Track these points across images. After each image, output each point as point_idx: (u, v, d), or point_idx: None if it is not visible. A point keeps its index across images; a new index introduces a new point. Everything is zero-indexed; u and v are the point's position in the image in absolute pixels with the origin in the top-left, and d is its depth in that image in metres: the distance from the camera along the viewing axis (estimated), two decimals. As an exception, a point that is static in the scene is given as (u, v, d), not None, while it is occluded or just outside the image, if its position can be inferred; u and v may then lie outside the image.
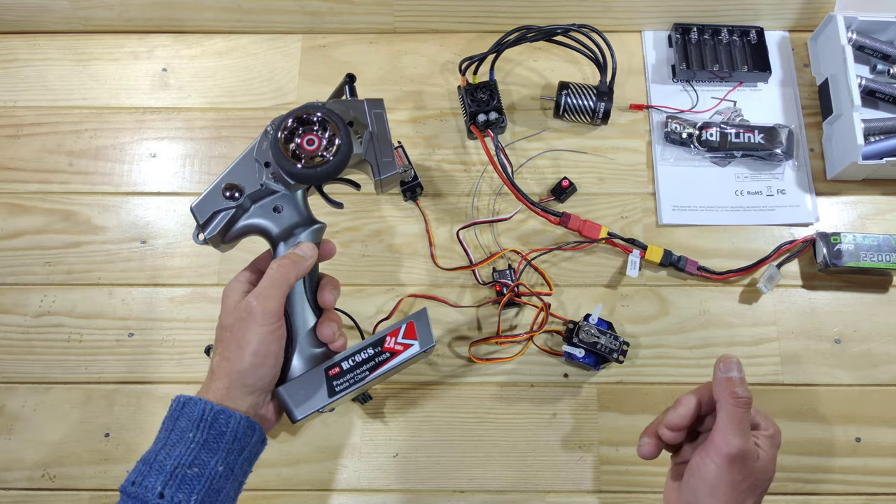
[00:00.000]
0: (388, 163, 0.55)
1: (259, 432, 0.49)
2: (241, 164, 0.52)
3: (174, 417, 0.47)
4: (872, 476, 0.66)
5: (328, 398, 0.51)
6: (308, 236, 0.53)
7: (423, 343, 0.53)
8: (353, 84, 0.57)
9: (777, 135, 0.74)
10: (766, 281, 0.69)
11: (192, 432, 0.46)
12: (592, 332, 0.65)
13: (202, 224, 0.52)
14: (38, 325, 0.71)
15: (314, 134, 0.51)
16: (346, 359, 0.52)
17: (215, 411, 0.46)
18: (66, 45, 0.82)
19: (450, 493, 0.66)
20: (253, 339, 0.48)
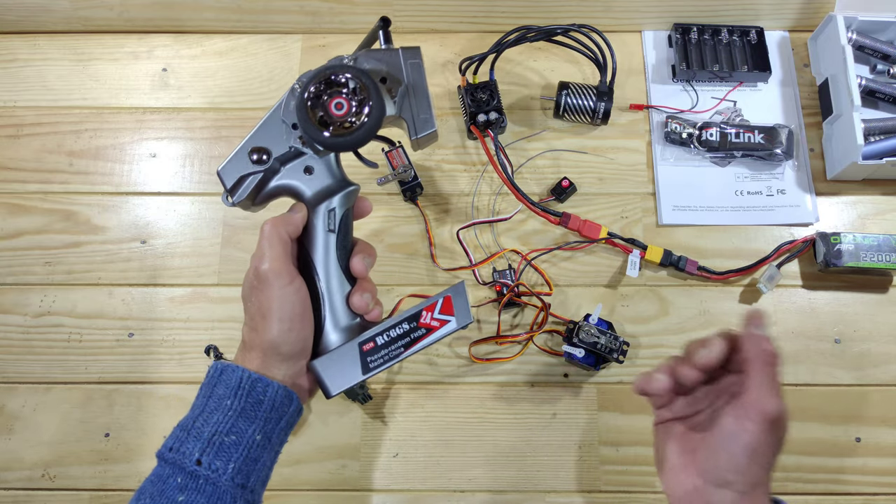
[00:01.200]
0: (426, 120, 0.51)
1: (296, 402, 0.48)
2: (268, 125, 0.49)
3: (212, 384, 0.46)
4: (872, 476, 0.66)
5: (362, 374, 0.49)
6: (342, 200, 0.50)
7: (461, 319, 0.50)
8: (387, 29, 0.52)
9: (777, 135, 0.74)
10: (766, 281, 0.69)
11: (230, 399, 0.45)
12: (592, 332, 0.65)
13: (230, 189, 0.49)
14: (38, 325, 0.71)
15: (342, 97, 0.47)
16: (381, 333, 0.49)
17: (252, 379, 0.46)
18: (66, 45, 0.82)
19: (450, 493, 0.66)
20: (272, 304, 0.46)
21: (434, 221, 0.74)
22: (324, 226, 0.50)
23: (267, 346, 0.47)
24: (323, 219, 0.49)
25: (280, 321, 0.46)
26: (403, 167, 0.71)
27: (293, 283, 0.47)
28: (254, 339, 0.47)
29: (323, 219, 0.49)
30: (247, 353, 0.47)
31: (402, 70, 0.50)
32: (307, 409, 0.68)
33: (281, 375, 0.47)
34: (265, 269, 0.47)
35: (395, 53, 0.50)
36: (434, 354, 0.69)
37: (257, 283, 0.47)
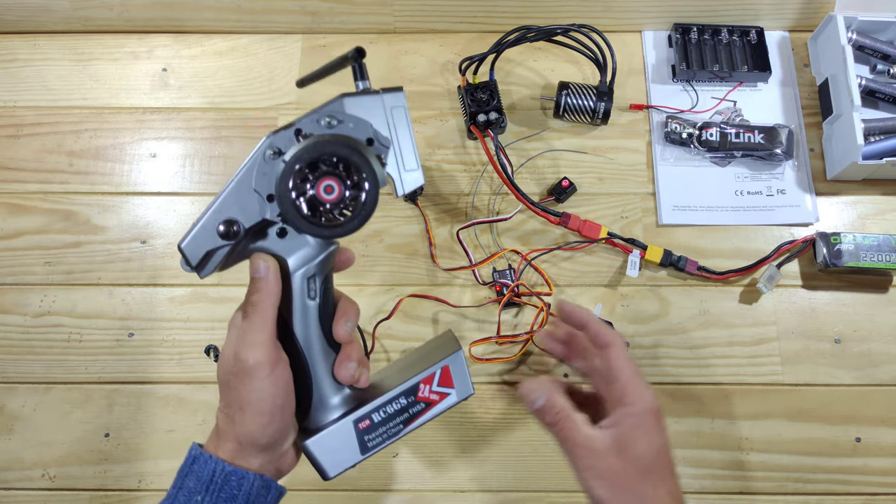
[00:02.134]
0: (413, 174, 0.44)
1: (275, 490, 0.45)
2: (238, 193, 0.42)
3: (183, 474, 0.43)
4: (872, 476, 0.66)
5: (361, 455, 0.46)
6: (321, 265, 0.45)
7: (461, 391, 0.47)
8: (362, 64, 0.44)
9: (777, 135, 0.74)
10: (766, 281, 0.69)
11: (201, 495, 0.42)
12: None
13: (196, 266, 0.43)
14: (38, 325, 0.71)
15: (333, 179, 0.40)
16: (377, 410, 0.46)
17: (226, 473, 0.42)
18: (66, 45, 0.82)
19: (450, 493, 0.66)
20: (252, 396, 0.42)
21: (434, 221, 0.74)
22: (302, 294, 0.44)
23: (244, 440, 0.43)
24: (301, 286, 0.44)
25: (259, 415, 0.43)
26: None
27: (275, 372, 0.43)
28: (229, 429, 0.44)
29: (301, 286, 0.44)
30: (220, 442, 0.44)
31: (386, 121, 0.43)
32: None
33: (258, 464, 0.44)
34: (247, 357, 0.42)
35: (377, 99, 0.43)
36: (434, 354, 0.69)
37: (237, 371, 0.43)
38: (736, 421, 0.67)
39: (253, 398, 0.42)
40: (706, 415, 0.68)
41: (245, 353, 0.42)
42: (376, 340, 0.70)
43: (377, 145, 0.43)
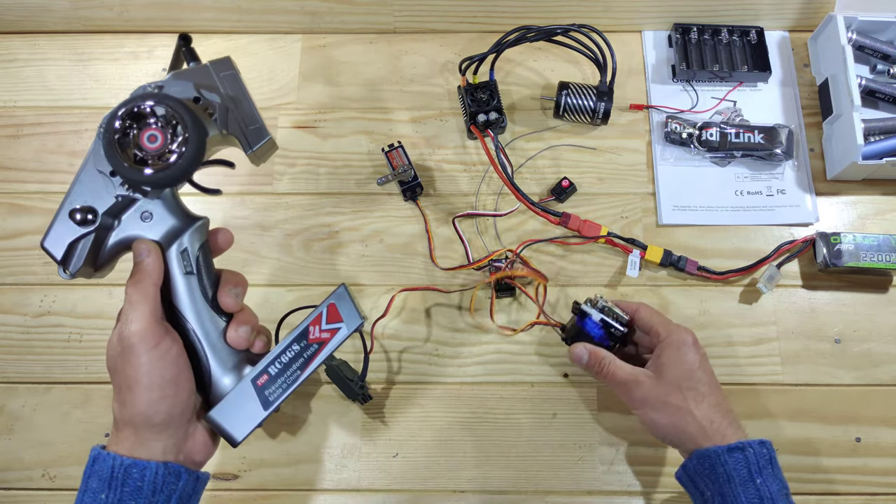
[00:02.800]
0: (256, 130, 0.47)
1: (185, 475, 0.44)
2: (85, 180, 0.45)
3: (87, 476, 0.43)
4: (872, 476, 0.66)
5: (264, 411, 0.46)
6: (192, 238, 0.47)
7: (351, 323, 0.48)
8: (189, 46, 0.48)
9: (777, 135, 0.74)
10: (766, 281, 0.69)
11: (105, 493, 0.41)
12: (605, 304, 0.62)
13: (61, 261, 0.44)
14: (38, 325, 0.71)
15: (154, 128, 0.43)
16: (272, 363, 0.46)
17: (126, 466, 0.42)
18: (66, 45, 0.82)
19: (450, 493, 0.66)
20: (138, 372, 0.42)
21: (434, 221, 0.74)
22: (180, 269, 0.46)
23: (138, 421, 0.43)
24: (178, 262, 0.46)
25: (148, 390, 0.42)
26: (403, 167, 0.71)
27: (160, 346, 0.43)
28: (123, 414, 0.43)
29: (178, 262, 0.46)
30: (118, 432, 0.43)
31: (218, 85, 0.46)
32: (307, 410, 0.68)
33: (161, 449, 0.43)
34: (129, 332, 0.42)
35: (205, 69, 0.46)
36: (434, 353, 0.69)
37: (121, 350, 0.43)
38: (736, 421, 0.67)
39: (140, 374, 0.42)
40: (706, 415, 0.68)
41: (127, 331, 0.42)
42: (375, 340, 0.70)
43: (205, 102, 0.46)
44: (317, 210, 0.75)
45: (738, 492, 0.48)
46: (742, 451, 0.50)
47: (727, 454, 0.49)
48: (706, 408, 0.52)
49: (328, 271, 0.72)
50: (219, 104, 0.46)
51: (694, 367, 0.54)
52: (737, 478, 0.49)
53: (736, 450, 0.50)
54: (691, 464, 0.51)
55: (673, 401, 0.52)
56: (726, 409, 0.53)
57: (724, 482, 0.49)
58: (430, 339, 0.70)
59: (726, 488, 0.49)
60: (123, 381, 0.43)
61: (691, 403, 0.52)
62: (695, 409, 0.52)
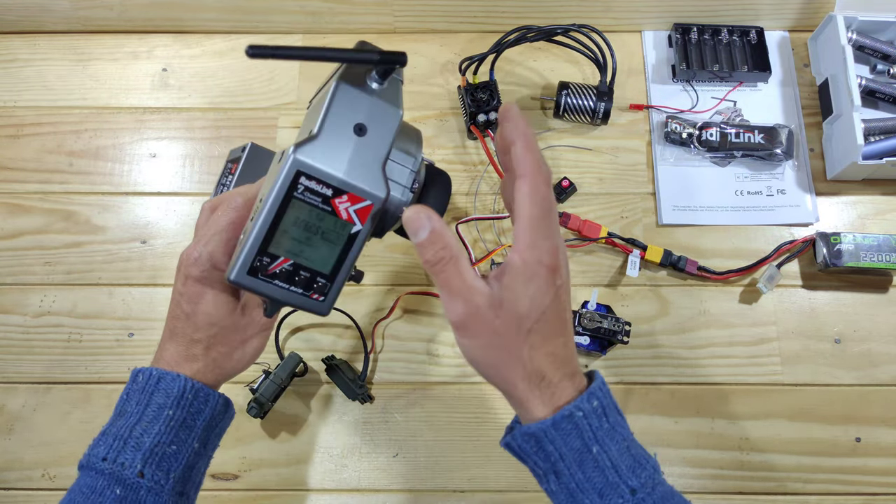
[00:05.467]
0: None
1: (232, 409, 0.49)
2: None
3: (148, 391, 0.45)
4: (872, 476, 0.66)
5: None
6: None
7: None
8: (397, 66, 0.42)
9: (777, 135, 0.74)
10: (766, 281, 0.69)
11: (172, 409, 0.44)
12: (594, 318, 0.65)
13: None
14: (38, 325, 0.71)
15: None
16: None
17: (196, 389, 0.45)
18: (66, 45, 0.82)
19: (450, 493, 0.66)
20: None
21: (434, 221, 0.74)
22: None
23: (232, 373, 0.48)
24: None
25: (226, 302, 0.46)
26: None
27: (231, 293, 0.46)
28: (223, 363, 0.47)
29: None
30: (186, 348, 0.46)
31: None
32: (307, 410, 0.68)
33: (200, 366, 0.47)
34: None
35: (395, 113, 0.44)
36: (434, 354, 0.69)
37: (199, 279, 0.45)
38: (736, 421, 0.67)
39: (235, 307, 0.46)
40: (706, 415, 0.68)
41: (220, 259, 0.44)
42: (376, 340, 0.70)
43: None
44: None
45: (573, 470, 0.41)
46: (571, 420, 0.40)
47: (554, 430, 0.40)
48: (541, 357, 0.40)
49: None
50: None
51: (544, 305, 0.39)
52: (569, 454, 0.41)
53: (564, 420, 0.40)
54: (515, 442, 0.43)
55: (504, 341, 0.40)
56: (565, 356, 0.41)
57: (556, 460, 0.41)
58: (430, 339, 0.70)
59: (560, 466, 0.42)
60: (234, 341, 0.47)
61: (525, 349, 0.40)
62: (527, 356, 0.40)
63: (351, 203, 0.40)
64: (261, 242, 0.40)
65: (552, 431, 0.40)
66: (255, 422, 0.67)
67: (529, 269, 0.39)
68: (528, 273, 0.39)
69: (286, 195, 0.39)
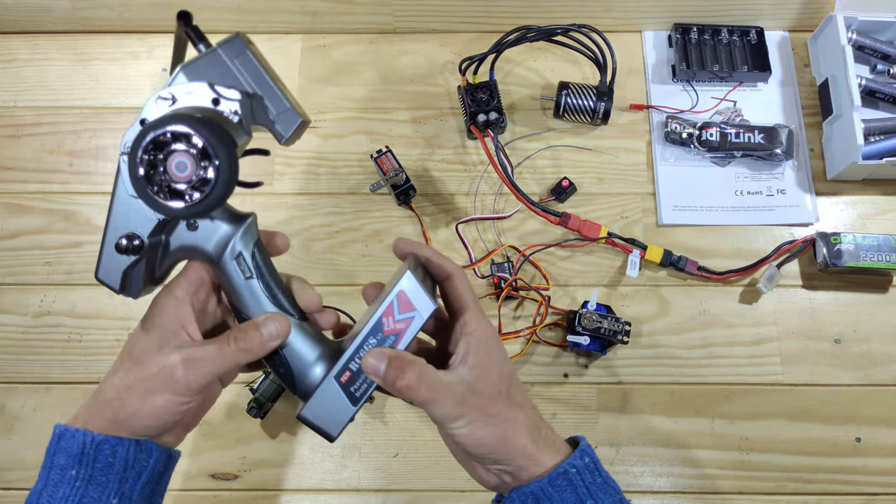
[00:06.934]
0: (287, 115, 0.42)
1: (156, 452, 0.43)
2: (120, 208, 0.41)
3: (51, 453, 0.41)
4: (872, 476, 0.66)
5: (353, 407, 0.45)
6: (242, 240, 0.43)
7: (424, 309, 0.44)
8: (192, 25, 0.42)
9: (777, 135, 0.74)
10: (766, 281, 0.69)
11: (74, 469, 0.40)
12: (594, 318, 0.65)
13: (121, 289, 0.42)
14: (38, 325, 0.71)
15: (181, 154, 0.38)
16: (352, 359, 0.44)
17: (97, 443, 0.40)
18: (66, 45, 0.82)
19: (450, 493, 0.66)
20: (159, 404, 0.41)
21: (434, 221, 0.74)
22: (238, 276, 0.43)
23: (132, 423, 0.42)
24: (234, 269, 0.43)
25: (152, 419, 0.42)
26: (394, 171, 0.71)
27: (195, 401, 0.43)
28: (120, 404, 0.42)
29: (234, 269, 0.43)
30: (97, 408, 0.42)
31: (235, 75, 0.41)
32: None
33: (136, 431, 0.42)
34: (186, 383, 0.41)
35: (217, 57, 0.41)
36: (434, 354, 0.69)
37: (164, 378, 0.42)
38: (736, 421, 0.67)
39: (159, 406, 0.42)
40: (706, 415, 0.68)
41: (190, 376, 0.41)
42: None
43: (225, 102, 0.40)
44: (317, 210, 0.75)
45: None
46: (566, 476, 0.42)
47: (551, 487, 0.42)
48: (528, 411, 0.44)
49: (328, 271, 0.72)
50: (240, 101, 0.40)
51: (508, 367, 0.45)
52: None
53: (559, 477, 0.42)
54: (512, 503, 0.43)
55: (498, 408, 0.43)
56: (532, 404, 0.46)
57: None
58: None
59: None
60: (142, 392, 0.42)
61: (515, 409, 0.43)
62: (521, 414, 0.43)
63: None
64: None
65: (549, 489, 0.42)
66: (255, 422, 0.67)
67: (487, 343, 0.44)
68: (487, 347, 0.44)
69: None
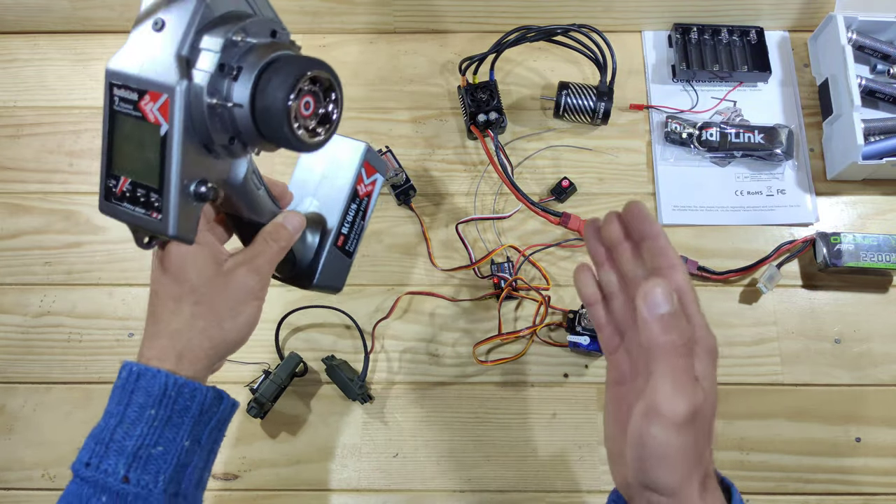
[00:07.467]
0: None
1: (226, 401, 0.45)
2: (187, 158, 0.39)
3: (128, 390, 0.42)
4: (872, 476, 0.66)
5: (349, 259, 0.54)
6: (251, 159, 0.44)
7: (382, 171, 0.54)
8: None
9: (777, 135, 0.74)
10: (766, 281, 0.69)
11: (154, 409, 0.42)
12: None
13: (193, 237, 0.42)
14: (38, 325, 0.71)
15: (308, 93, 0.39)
16: (343, 224, 0.52)
17: (179, 385, 0.42)
18: (66, 45, 0.82)
19: (450, 493, 0.66)
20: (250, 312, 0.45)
21: (434, 221, 0.74)
22: (254, 189, 0.45)
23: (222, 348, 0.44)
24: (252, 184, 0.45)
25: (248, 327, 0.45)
26: (394, 171, 0.71)
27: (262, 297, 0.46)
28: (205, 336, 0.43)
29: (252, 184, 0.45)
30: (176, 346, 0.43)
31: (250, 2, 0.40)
32: (307, 410, 0.68)
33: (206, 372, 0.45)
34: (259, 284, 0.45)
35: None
36: (434, 353, 0.69)
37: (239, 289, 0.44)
38: (736, 421, 0.67)
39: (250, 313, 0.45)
40: (706, 415, 0.68)
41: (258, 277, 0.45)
42: (376, 340, 0.70)
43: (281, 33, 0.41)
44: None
45: None
46: None
47: None
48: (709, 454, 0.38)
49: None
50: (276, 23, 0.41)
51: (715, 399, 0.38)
52: None
53: None
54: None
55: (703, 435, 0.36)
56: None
57: None
58: (430, 339, 0.70)
59: None
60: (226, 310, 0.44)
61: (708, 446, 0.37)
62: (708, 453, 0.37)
63: (153, 101, 0.38)
64: (105, 164, 0.40)
65: None
66: (255, 422, 0.67)
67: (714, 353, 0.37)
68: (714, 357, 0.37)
69: (110, 111, 0.39)
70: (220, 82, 0.37)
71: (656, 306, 0.34)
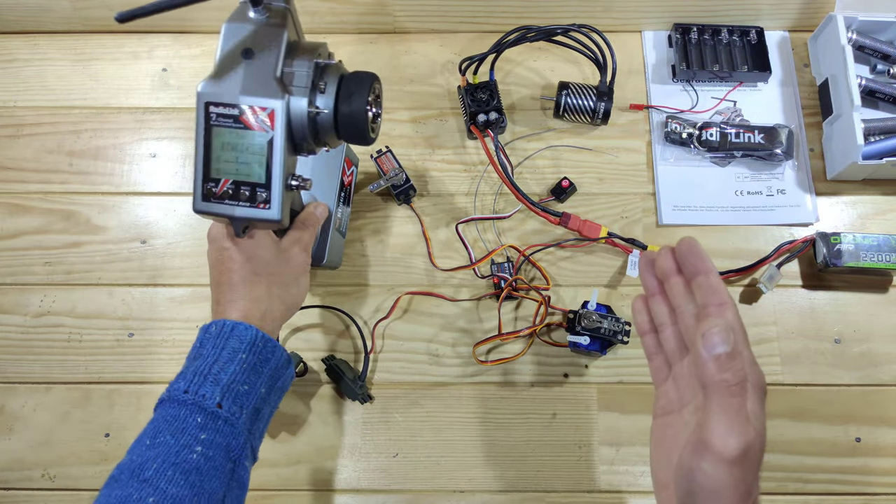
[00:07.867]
0: None
1: (292, 369, 0.54)
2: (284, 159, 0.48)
3: (224, 337, 0.49)
4: (872, 476, 0.66)
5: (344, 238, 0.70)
6: None
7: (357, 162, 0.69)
8: None
9: (777, 135, 0.74)
10: (767, 281, 0.69)
11: (245, 354, 0.49)
12: (594, 318, 0.65)
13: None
14: (38, 325, 0.71)
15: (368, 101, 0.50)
16: (337, 209, 0.65)
17: (265, 339, 0.51)
18: (66, 45, 0.82)
19: (450, 493, 0.66)
20: (304, 281, 0.58)
21: (434, 221, 0.74)
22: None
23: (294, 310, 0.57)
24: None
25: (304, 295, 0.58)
26: (394, 171, 0.71)
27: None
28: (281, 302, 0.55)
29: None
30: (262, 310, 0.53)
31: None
32: (307, 410, 0.68)
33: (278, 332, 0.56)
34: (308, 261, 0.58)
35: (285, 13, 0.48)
36: (435, 353, 0.69)
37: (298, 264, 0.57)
38: (736, 421, 0.67)
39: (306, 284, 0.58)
40: (706, 415, 0.68)
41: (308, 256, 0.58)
42: (376, 340, 0.70)
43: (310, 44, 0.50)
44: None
45: None
46: None
47: None
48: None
49: (328, 271, 0.72)
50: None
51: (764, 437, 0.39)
52: None
53: None
54: None
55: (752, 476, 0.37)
56: None
57: None
58: (430, 339, 0.70)
59: None
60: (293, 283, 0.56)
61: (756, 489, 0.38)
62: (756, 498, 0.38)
63: (257, 114, 0.47)
64: (202, 171, 0.48)
65: None
66: (255, 422, 0.67)
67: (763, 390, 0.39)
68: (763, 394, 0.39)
69: (206, 126, 0.47)
70: (314, 96, 0.48)
71: (713, 346, 0.36)
